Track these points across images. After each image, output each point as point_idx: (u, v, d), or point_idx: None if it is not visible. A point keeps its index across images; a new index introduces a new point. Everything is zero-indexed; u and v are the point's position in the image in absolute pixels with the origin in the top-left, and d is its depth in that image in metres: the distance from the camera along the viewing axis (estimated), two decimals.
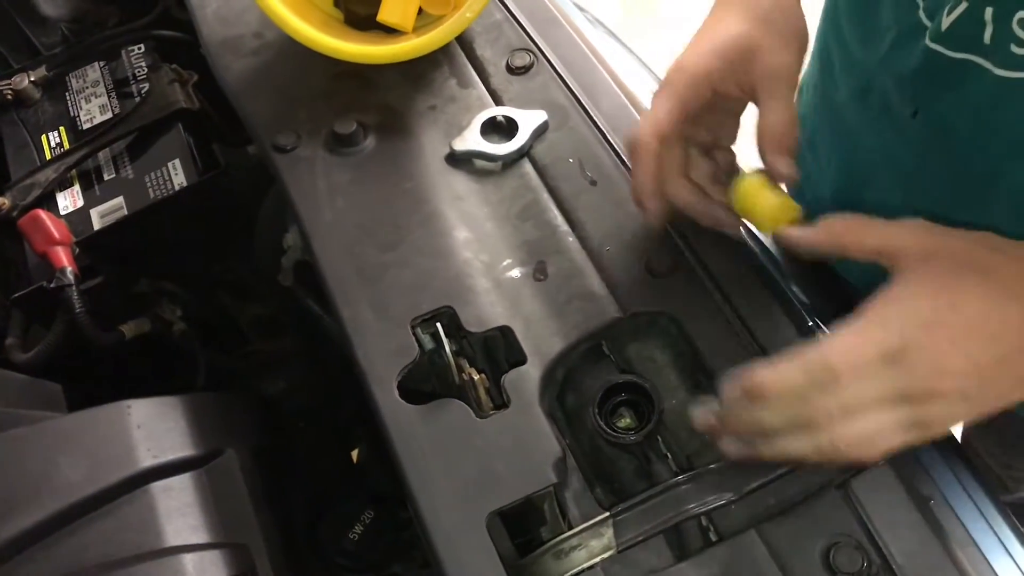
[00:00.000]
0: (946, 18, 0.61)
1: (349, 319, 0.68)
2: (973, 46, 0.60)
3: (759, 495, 0.62)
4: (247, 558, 0.70)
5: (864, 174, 0.81)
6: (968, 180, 0.68)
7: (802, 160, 0.93)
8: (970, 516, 0.73)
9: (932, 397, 0.55)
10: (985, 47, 0.60)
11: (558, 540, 0.61)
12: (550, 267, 0.70)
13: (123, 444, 0.71)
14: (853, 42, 0.74)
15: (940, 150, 0.69)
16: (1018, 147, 0.63)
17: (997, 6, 0.57)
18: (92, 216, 0.92)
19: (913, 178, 0.74)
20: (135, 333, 0.95)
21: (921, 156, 0.71)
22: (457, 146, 0.76)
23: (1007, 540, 0.68)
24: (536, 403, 0.64)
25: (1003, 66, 0.59)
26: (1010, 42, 0.58)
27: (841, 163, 0.85)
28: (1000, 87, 0.60)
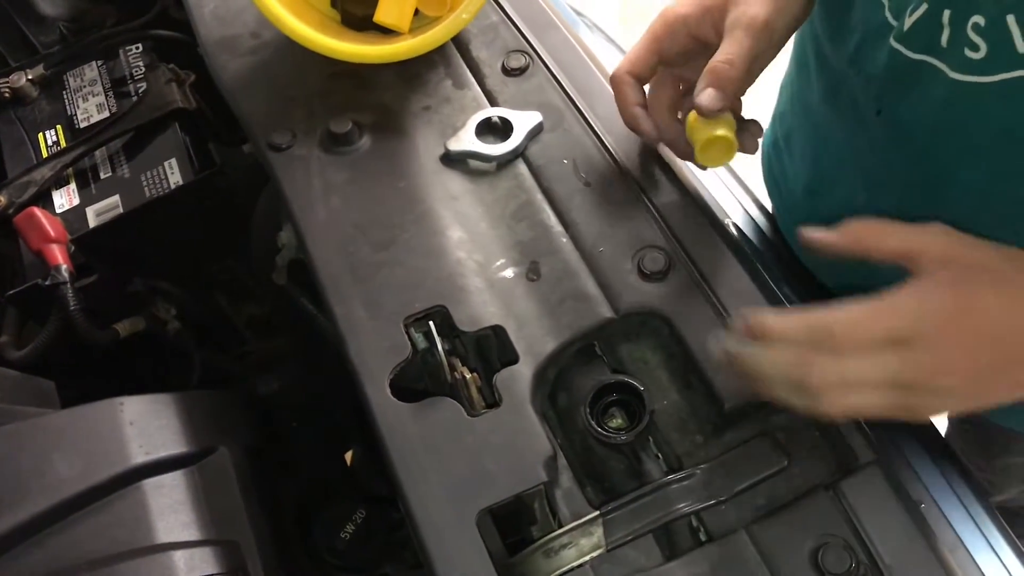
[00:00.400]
0: (908, 18, 0.61)
1: (342, 317, 0.68)
2: (931, 48, 0.61)
3: (749, 495, 0.62)
4: (238, 556, 0.70)
5: (832, 173, 0.82)
6: (925, 180, 0.69)
7: (778, 157, 0.95)
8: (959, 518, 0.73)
9: (927, 390, 0.56)
10: (942, 49, 0.60)
11: (548, 538, 0.61)
12: (543, 267, 0.71)
13: (115, 441, 0.71)
14: (825, 41, 0.75)
15: (900, 150, 0.70)
16: (969, 150, 0.64)
17: (954, 9, 0.58)
18: (88, 214, 0.92)
19: (876, 177, 0.75)
20: (130, 332, 0.95)
21: (883, 155, 0.72)
22: (452, 146, 0.77)
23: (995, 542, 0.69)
24: (528, 402, 0.64)
25: (957, 69, 0.60)
26: (964, 46, 0.58)
27: (812, 161, 0.86)
28: (954, 90, 0.61)
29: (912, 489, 0.62)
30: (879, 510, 0.60)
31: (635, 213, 0.72)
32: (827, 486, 0.61)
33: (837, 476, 0.61)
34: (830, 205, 0.84)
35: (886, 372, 0.56)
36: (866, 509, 0.60)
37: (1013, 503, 1.26)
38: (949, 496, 0.74)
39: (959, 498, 0.76)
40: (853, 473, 0.61)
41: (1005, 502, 1.22)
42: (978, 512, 0.73)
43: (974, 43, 0.58)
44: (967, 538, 0.63)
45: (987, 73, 0.58)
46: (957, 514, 0.72)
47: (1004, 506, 1.23)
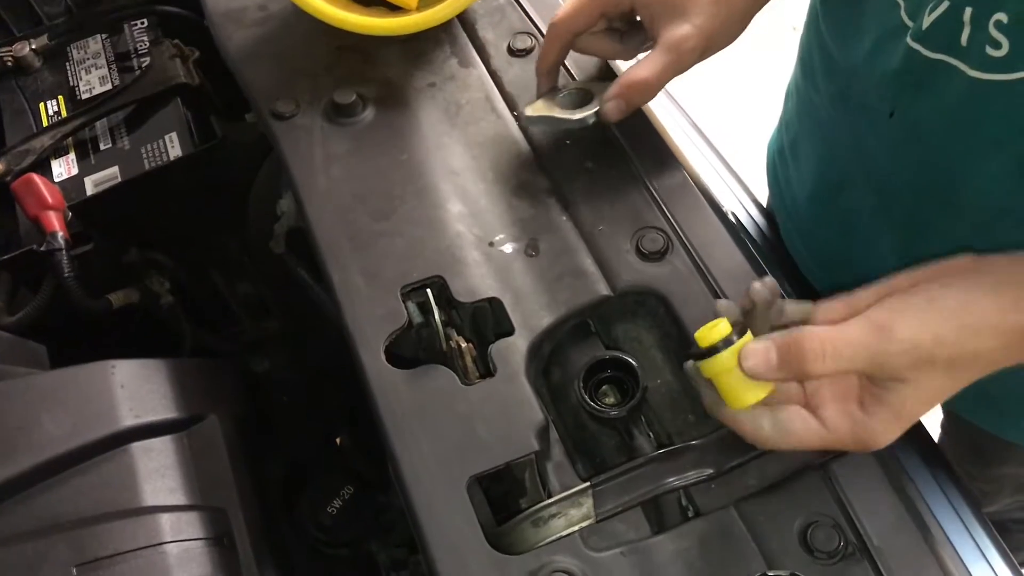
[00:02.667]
0: (927, 17, 0.61)
1: (339, 284, 0.68)
2: (950, 47, 0.61)
3: (739, 473, 0.62)
4: (224, 522, 0.70)
5: (839, 178, 0.82)
6: (938, 183, 0.69)
7: (784, 165, 0.95)
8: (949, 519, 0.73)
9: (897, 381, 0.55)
10: (961, 48, 0.60)
11: (537, 508, 0.61)
12: (542, 244, 0.71)
13: (105, 402, 0.71)
14: (833, 46, 0.75)
15: (913, 151, 0.70)
16: (986, 150, 0.64)
17: (976, 7, 0.58)
18: (86, 184, 0.92)
19: (886, 181, 0.75)
20: (123, 303, 0.94)
21: (895, 158, 0.72)
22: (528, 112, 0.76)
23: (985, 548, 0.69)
24: (522, 373, 0.64)
25: (977, 68, 0.60)
26: (985, 44, 0.58)
27: (817, 167, 0.86)
28: (973, 89, 0.61)
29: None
30: (869, 491, 0.60)
31: (635, 195, 0.73)
32: (817, 466, 0.61)
33: (827, 456, 0.61)
34: (837, 212, 0.85)
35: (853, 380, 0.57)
36: (856, 490, 0.60)
37: (1003, 515, 1.26)
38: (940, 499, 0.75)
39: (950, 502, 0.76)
40: (844, 455, 0.61)
41: (995, 513, 1.22)
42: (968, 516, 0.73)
43: (996, 40, 0.58)
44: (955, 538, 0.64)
45: (1008, 71, 0.58)
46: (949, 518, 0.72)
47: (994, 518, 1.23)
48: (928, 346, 0.53)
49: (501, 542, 0.60)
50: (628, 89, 0.71)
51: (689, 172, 0.74)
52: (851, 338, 0.54)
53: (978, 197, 0.67)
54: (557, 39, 0.75)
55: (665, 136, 0.77)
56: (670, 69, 0.71)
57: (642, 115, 0.77)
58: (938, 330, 0.54)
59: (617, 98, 0.71)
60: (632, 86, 0.71)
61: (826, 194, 0.86)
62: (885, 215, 0.77)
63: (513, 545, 0.60)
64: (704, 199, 0.72)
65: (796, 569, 0.57)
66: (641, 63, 0.71)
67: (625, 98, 0.71)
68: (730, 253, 0.69)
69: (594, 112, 0.72)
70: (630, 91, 0.71)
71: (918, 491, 0.65)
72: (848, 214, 0.82)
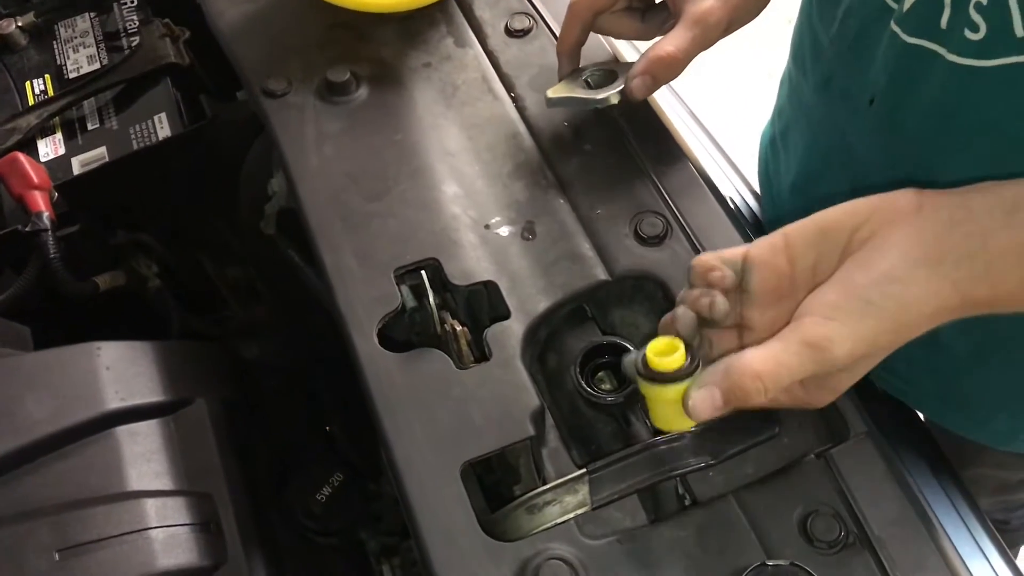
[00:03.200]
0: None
1: (332, 265, 0.67)
2: (929, 30, 0.60)
3: (737, 462, 0.61)
4: (211, 508, 0.69)
5: (819, 167, 0.82)
6: (913, 174, 0.67)
7: (774, 155, 0.95)
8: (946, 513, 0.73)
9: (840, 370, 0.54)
10: (941, 32, 0.59)
11: (532, 494, 0.59)
12: (539, 227, 0.69)
13: (90, 385, 0.69)
14: (822, 30, 0.74)
15: (890, 141, 0.69)
16: (964, 137, 0.63)
17: None
18: (73, 164, 0.90)
19: (862, 172, 0.73)
20: (109, 286, 0.93)
21: (873, 147, 0.71)
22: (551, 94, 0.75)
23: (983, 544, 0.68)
24: (518, 357, 0.63)
25: (956, 51, 0.59)
26: (964, 26, 0.57)
27: (802, 156, 0.85)
28: (951, 74, 0.60)
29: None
30: (870, 480, 0.59)
31: (634, 178, 0.71)
32: (818, 455, 0.60)
33: (828, 445, 0.60)
34: (812, 203, 0.83)
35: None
36: (857, 480, 0.59)
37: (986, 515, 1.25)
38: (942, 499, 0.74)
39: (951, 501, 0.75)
40: (845, 442, 0.60)
41: None
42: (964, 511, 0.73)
43: (975, 23, 0.56)
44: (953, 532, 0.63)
45: (985, 57, 0.57)
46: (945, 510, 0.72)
47: None
48: (866, 352, 0.53)
49: (495, 529, 0.59)
50: (655, 64, 0.69)
51: (688, 156, 0.73)
52: (790, 365, 0.52)
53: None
54: (577, 19, 0.74)
55: (664, 120, 0.76)
56: (696, 44, 0.69)
57: None
58: (876, 339, 0.52)
59: (643, 74, 0.69)
60: (659, 61, 0.69)
61: (806, 183, 0.85)
62: None
63: (507, 532, 0.59)
64: (704, 184, 0.71)
65: (796, 559, 0.56)
66: (666, 38, 0.70)
67: (652, 74, 0.69)
68: (730, 238, 0.68)
69: (619, 91, 0.71)
70: (657, 66, 0.69)
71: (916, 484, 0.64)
72: (824, 204, 0.81)
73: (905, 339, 0.53)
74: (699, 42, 0.69)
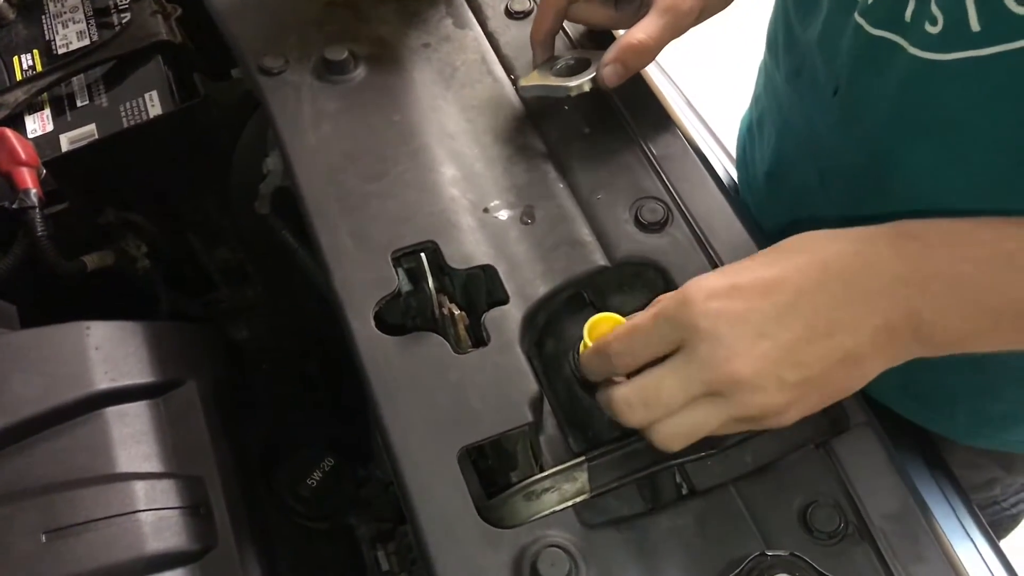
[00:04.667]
0: None
1: (328, 246, 0.66)
2: (893, 23, 0.60)
3: (737, 451, 0.60)
4: (201, 491, 0.68)
5: (791, 156, 0.82)
6: (873, 166, 0.68)
7: (751, 141, 0.94)
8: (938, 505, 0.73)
9: (733, 384, 0.51)
10: (905, 24, 0.59)
11: (530, 481, 0.58)
12: (538, 211, 0.69)
13: (79, 364, 0.68)
14: (795, 21, 0.74)
15: (853, 132, 0.68)
16: (918, 135, 0.63)
17: None
18: (61, 141, 0.89)
19: (829, 162, 0.74)
20: (97, 265, 0.91)
21: (838, 137, 0.71)
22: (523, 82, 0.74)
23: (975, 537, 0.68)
24: (516, 342, 0.62)
25: (917, 45, 0.59)
26: (926, 20, 0.57)
27: (776, 146, 0.86)
28: (911, 67, 0.60)
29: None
30: (870, 470, 0.58)
31: (634, 163, 0.71)
32: (818, 445, 0.59)
33: (827, 435, 0.60)
34: (786, 191, 0.84)
35: (679, 382, 0.52)
36: (857, 469, 0.58)
37: None
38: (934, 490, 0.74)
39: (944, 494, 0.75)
40: (845, 432, 0.60)
41: None
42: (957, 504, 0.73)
43: (933, 16, 0.56)
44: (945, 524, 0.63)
45: (943, 50, 0.57)
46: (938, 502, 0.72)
47: None
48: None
49: (492, 515, 0.58)
50: (626, 52, 0.68)
51: (689, 140, 0.72)
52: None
53: (909, 186, 0.66)
54: (551, 7, 0.73)
55: (665, 104, 0.75)
56: (668, 31, 0.69)
57: (641, 81, 0.75)
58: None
59: (614, 62, 0.69)
60: (630, 49, 0.68)
61: (780, 171, 0.86)
62: (826, 197, 0.76)
63: (504, 519, 0.58)
64: (705, 170, 0.70)
65: (795, 549, 0.56)
66: (638, 26, 0.69)
67: (623, 62, 0.69)
68: (731, 225, 0.68)
69: (590, 78, 0.70)
70: (628, 54, 0.68)
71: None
72: (796, 192, 0.82)
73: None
74: (671, 29, 0.69)
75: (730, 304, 0.51)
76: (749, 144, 0.95)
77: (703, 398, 0.52)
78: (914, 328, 0.52)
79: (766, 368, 0.51)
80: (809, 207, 0.78)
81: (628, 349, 0.54)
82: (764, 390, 0.51)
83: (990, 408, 0.79)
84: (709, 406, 0.52)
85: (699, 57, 0.77)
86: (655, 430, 0.54)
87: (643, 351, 0.54)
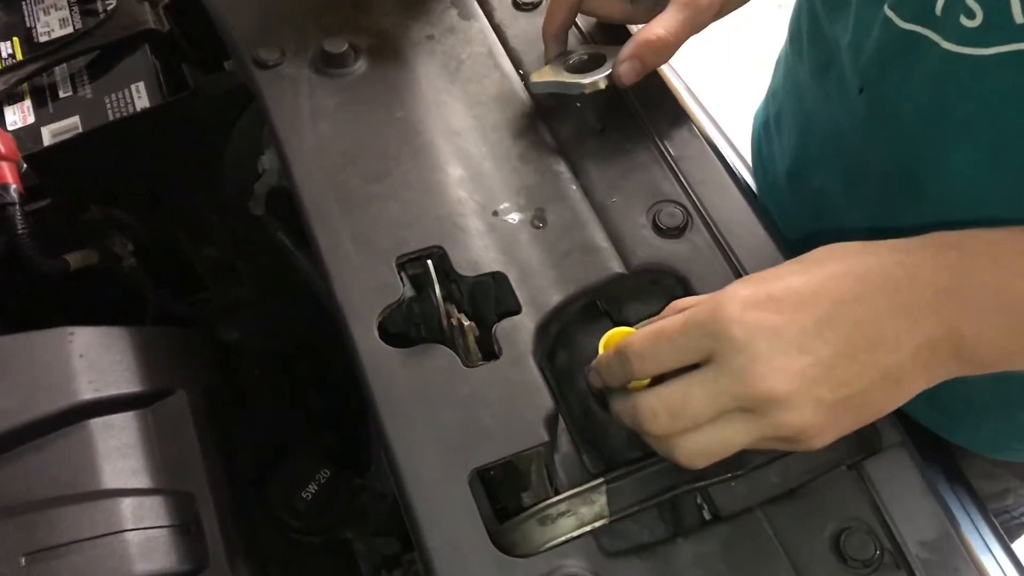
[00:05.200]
0: None
1: (328, 251, 0.62)
2: (924, 15, 0.57)
3: (763, 473, 0.57)
4: (191, 508, 0.64)
5: (815, 157, 0.79)
6: (905, 167, 0.65)
7: (768, 138, 0.91)
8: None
9: (768, 402, 0.48)
10: (936, 18, 0.56)
11: (545, 505, 0.55)
12: (550, 215, 0.65)
13: (62, 373, 0.65)
14: (823, 14, 0.71)
15: (882, 132, 0.66)
16: (955, 134, 0.60)
17: None
18: (43, 134, 0.85)
19: (855, 164, 0.71)
20: (81, 264, 0.88)
21: (865, 137, 0.68)
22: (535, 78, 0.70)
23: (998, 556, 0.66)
24: (530, 355, 0.59)
25: (951, 39, 0.56)
26: (960, 12, 0.54)
27: (797, 144, 0.83)
28: (946, 63, 0.57)
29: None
30: (905, 494, 0.55)
31: (651, 164, 0.67)
32: (849, 465, 0.56)
33: (859, 456, 0.57)
34: (809, 192, 0.81)
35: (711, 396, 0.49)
36: (891, 493, 0.55)
37: None
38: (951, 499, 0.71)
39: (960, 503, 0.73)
40: (878, 453, 0.56)
41: None
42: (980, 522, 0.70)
43: (970, 9, 0.54)
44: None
45: (982, 44, 0.54)
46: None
47: None
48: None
49: (502, 541, 0.54)
50: (643, 48, 0.65)
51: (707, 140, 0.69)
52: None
53: (945, 186, 0.63)
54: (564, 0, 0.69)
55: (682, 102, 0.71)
56: (687, 26, 0.65)
57: (658, 78, 0.71)
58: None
59: (632, 58, 0.65)
60: (648, 45, 0.65)
61: (802, 171, 0.83)
62: (853, 198, 0.73)
63: (516, 545, 0.55)
64: (726, 171, 0.67)
65: None
66: (656, 21, 0.66)
67: (640, 58, 0.65)
68: (753, 230, 0.64)
69: (606, 75, 0.66)
70: (646, 50, 0.65)
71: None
72: (820, 194, 0.79)
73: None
74: (690, 25, 0.66)
75: (767, 316, 0.48)
76: (766, 142, 0.92)
77: (733, 414, 0.49)
78: (955, 345, 0.49)
79: (804, 386, 0.48)
80: (833, 210, 0.75)
81: (652, 353, 0.51)
82: (800, 409, 0.48)
83: (1017, 421, 0.77)
84: (739, 423, 0.49)
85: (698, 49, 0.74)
86: (678, 445, 0.50)
87: (668, 357, 0.51)
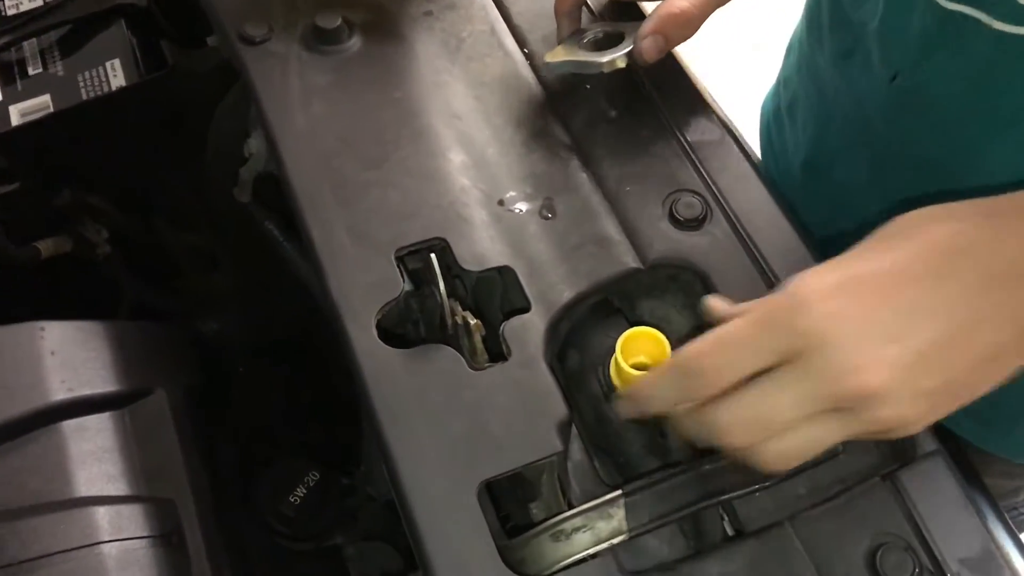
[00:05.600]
0: None
1: (321, 243, 0.57)
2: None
3: (790, 484, 0.53)
4: (172, 516, 0.61)
5: (836, 147, 0.76)
6: (945, 158, 0.62)
7: (779, 127, 0.87)
8: None
9: (862, 399, 0.44)
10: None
11: (559, 519, 0.51)
12: (559, 205, 0.61)
13: (31, 372, 0.61)
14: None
15: (921, 121, 0.62)
16: (1005, 120, 0.57)
17: None
18: (11, 113, 0.81)
19: (884, 155, 0.68)
20: (53, 252, 0.84)
21: (897, 128, 0.65)
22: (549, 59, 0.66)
23: None
24: (541, 357, 0.54)
25: (1004, 19, 0.52)
26: None
27: (815, 133, 0.79)
28: (997, 44, 0.53)
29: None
30: (944, 507, 0.52)
31: (667, 151, 0.63)
32: (883, 476, 0.53)
33: (894, 466, 0.53)
34: (829, 184, 0.77)
35: (796, 397, 0.44)
36: (928, 505, 0.52)
37: None
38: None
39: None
40: (913, 463, 0.53)
41: None
42: None
43: None
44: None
45: None
46: None
47: None
48: None
49: (513, 557, 0.50)
50: (667, 22, 0.61)
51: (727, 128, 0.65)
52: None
53: (983, 179, 0.59)
54: None
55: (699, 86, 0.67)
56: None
57: (674, 59, 0.67)
58: None
59: (654, 34, 0.61)
60: (671, 19, 0.60)
61: (821, 162, 0.79)
62: (878, 191, 0.70)
63: (526, 562, 0.51)
64: (746, 159, 0.63)
65: None
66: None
67: (664, 33, 0.61)
68: (776, 222, 0.60)
69: (626, 52, 0.62)
70: (669, 25, 0.61)
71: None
72: (841, 186, 0.75)
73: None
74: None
75: (849, 304, 0.44)
76: (776, 131, 0.88)
77: (824, 413, 0.45)
78: None
79: (900, 376, 0.43)
80: (854, 203, 0.72)
81: (727, 363, 0.46)
82: (898, 402, 0.44)
83: None
84: (831, 422, 0.45)
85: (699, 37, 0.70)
86: (764, 450, 0.46)
87: (745, 364, 0.45)
